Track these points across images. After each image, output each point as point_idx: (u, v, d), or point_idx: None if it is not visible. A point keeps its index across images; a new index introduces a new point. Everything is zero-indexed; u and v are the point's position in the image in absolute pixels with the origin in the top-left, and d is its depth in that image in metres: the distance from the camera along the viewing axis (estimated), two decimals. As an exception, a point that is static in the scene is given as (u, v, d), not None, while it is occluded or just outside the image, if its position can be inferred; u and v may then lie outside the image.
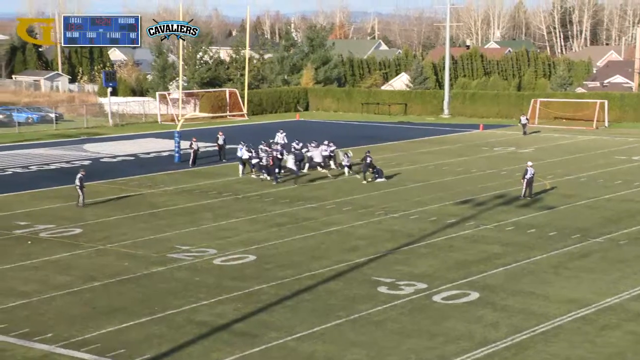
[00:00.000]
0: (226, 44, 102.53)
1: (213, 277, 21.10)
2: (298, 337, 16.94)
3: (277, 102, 69.57)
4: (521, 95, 65.99)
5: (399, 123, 60.76)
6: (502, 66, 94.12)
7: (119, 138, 51.59)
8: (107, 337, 16.93)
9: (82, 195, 29.65)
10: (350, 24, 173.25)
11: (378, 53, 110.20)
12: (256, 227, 26.65)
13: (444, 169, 38.35)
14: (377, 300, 19.20)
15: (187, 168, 38.88)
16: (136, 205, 30.09)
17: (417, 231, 26.05)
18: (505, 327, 17.49)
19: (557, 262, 22.50)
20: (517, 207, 29.71)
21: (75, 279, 20.98)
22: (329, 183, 34.92)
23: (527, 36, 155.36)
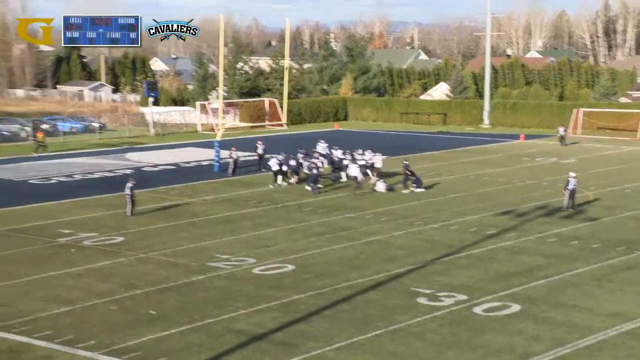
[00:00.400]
0: (265, 54, 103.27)
1: (252, 286, 21.18)
2: (337, 347, 16.90)
3: (315, 112, 69.74)
4: (563, 105, 65.08)
5: (438, 133, 60.40)
6: (543, 76, 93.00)
7: (160, 147, 52.21)
8: (147, 345, 17.10)
9: (130, 204, 29.99)
10: (390, 33, 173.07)
11: (417, 63, 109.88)
12: (295, 237, 26.71)
13: (484, 179, 37.99)
14: (416, 311, 19.06)
15: (227, 177, 39.16)
16: (177, 214, 30.40)
17: (457, 242, 25.83)
18: (547, 340, 17.21)
19: (601, 274, 22.09)
20: (560, 218, 29.27)
21: (117, 286, 21.25)
22: (366, 193, 34.82)
23: (569, 45, 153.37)
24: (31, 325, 18.19)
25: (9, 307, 19.50)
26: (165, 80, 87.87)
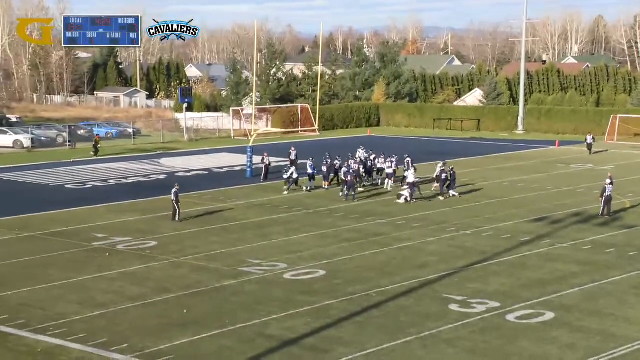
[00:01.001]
0: (299, 60, 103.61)
1: (283, 292, 21.22)
2: (367, 353, 16.84)
3: (348, 118, 69.77)
4: (599, 112, 64.26)
5: (472, 139, 59.99)
6: (579, 81, 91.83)
7: (194, 153, 52.65)
8: (180, 349, 17.21)
9: (178, 210, 30.08)
10: (423, 39, 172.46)
11: (451, 68, 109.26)
12: (326, 242, 26.70)
13: (518, 186, 37.61)
14: (448, 318, 18.92)
15: (259, 183, 39.33)
16: (209, 219, 30.60)
17: (490, 248, 25.59)
18: (583, 349, 16.95)
19: (638, 282, 21.72)
20: (595, 225, 28.85)
21: (150, 290, 21.45)
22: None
23: (606, 51, 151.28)
24: (66, 328, 18.43)
25: (45, 310, 19.79)
26: (199, 86, 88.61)
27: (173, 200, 30.10)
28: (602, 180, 38.85)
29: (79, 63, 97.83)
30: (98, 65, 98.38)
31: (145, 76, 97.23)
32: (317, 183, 36.84)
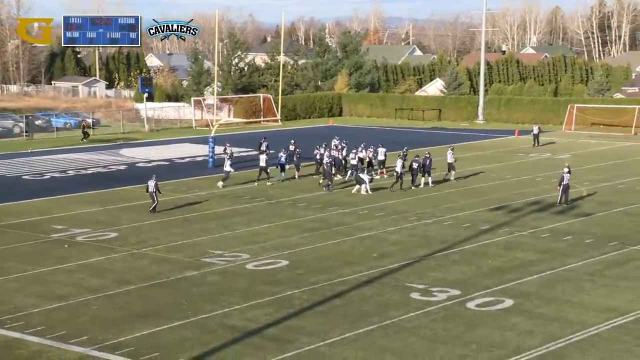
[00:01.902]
0: (261, 50, 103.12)
1: (245, 282, 21.18)
2: (330, 342, 16.91)
3: (310, 108, 69.73)
4: (557, 101, 65.22)
5: (433, 129, 60.44)
6: (538, 71, 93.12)
7: (154, 143, 52.13)
8: (140, 340, 17.08)
9: (153, 200, 29.54)
10: (385, 29, 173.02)
11: (412, 58, 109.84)
12: (289, 232, 26.70)
13: (478, 175, 38.02)
14: (409, 306, 19.08)
15: (221, 173, 39.10)
16: (170, 210, 30.35)
17: (451, 237, 25.85)
18: (540, 335, 17.24)
19: (594, 270, 22.14)
20: (553, 213, 29.33)
21: (110, 282, 21.22)
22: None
23: (564, 41, 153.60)
24: (24, 321, 18.15)
25: (2, 302, 19.46)
26: (159, 76, 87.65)
27: (154, 192, 29.49)
28: (560, 169, 39.49)
29: (35, 52, 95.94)
30: (55, 54, 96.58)
31: (104, 65, 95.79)
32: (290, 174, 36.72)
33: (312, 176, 37.25)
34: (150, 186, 29.64)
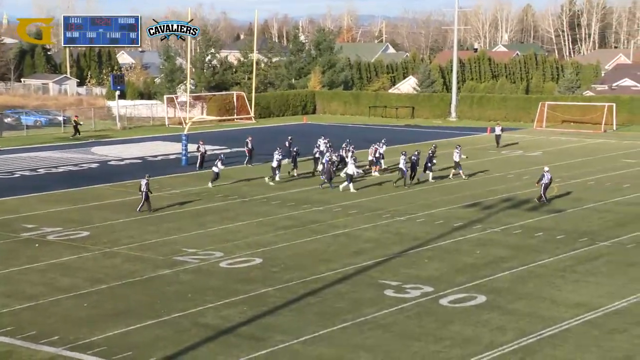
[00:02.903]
0: (234, 48, 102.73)
1: (219, 280, 21.10)
2: (304, 340, 16.91)
3: (284, 106, 69.67)
4: (529, 99, 65.85)
5: (406, 126, 60.70)
6: (510, 69, 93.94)
7: (127, 141, 51.72)
8: (113, 340, 16.94)
9: (146, 200, 29.01)
10: (358, 27, 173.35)
11: (385, 56, 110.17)
12: (263, 230, 26.65)
13: (451, 172, 38.22)
14: (383, 303, 19.15)
15: (195, 171, 38.93)
16: (143, 208, 30.09)
17: (424, 234, 25.99)
18: (512, 330, 17.40)
19: (565, 265, 22.40)
20: (525, 210, 29.61)
21: (82, 281, 21.02)
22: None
23: (535, 39, 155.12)
24: (-6, 322, 17.92)
25: (-29, 303, 19.19)
26: (131, 73, 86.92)
27: (144, 191, 29.01)
28: (531, 167, 39.93)
29: (4, 49, 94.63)
30: (25, 51, 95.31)
31: (75, 63, 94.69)
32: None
33: (313, 174, 36.84)
34: (142, 185, 29.22)
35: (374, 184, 35.24)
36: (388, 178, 35.97)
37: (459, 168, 36.50)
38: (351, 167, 33.43)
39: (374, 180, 36.14)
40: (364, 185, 34.52)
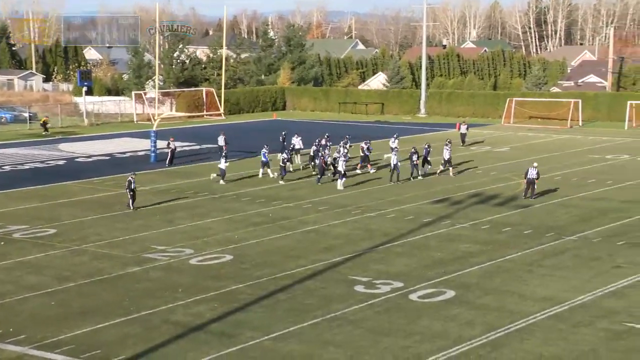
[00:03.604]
0: (203, 44, 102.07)
1: (189, 277, 21.02)
2: (274, 336, 16.93)
3: (254, 102, 69.48)
4: (497, 95, 66.49)
5: (376, 122, 60.93)
6: (478, 66, 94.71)
7: (95, 138, 51.22)
8: (81, 338, 16.79)
9: (131, 199, 28.63)
10: (328, 23, 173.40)
11: (355, 52, 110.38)
12: (233, 227, 26.59)
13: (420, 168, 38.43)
14: (353, 299, 19.23)
15: (164, 168, 38.68)
16: (111, 205, 29.87)
17: (394, 230, 26.14)
18: (481, 325, 17.60)
19: (532, 260, 22.69)
20: (493, 205, 29.93)
21: (49, 279, 20.79)
22: (304, 182, 34.92)
23: (502, 36, 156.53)
24: (-41, 321, 17.65)
25: None
26: (99, 69, 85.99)
27: (132, 189, 28.54)
28: (499, 162, 40.37)
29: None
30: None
31: (40, 58, 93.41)
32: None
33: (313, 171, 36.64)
34: (131, 183, 28.73)
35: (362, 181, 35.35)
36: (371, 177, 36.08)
37: (448, 165, 36.23)
38: (341, 164, 33.43)
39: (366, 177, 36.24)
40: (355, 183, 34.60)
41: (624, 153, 43.73)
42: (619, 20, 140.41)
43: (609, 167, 39.08)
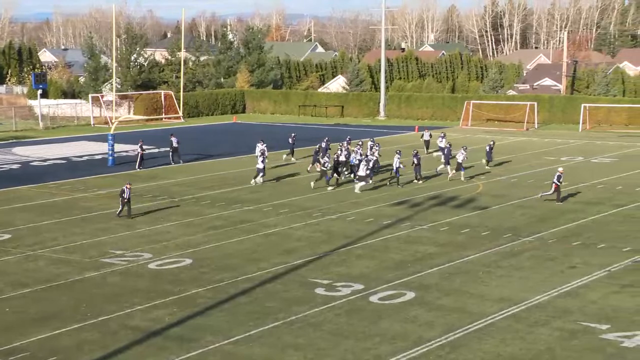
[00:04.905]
0: (161, 46, 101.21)
1: (148, 282, 20.80)
2: (235, 340, 16.85)
3: (213, 105, 69.11)
4: (455, 98, 67.21)
5: (336, 125, 61.09)
6: (436, 69, 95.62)
7: (50, 141, 50.38)
8: (37, 345, 16.49)
9: (126, 207, 27.72)
10: (287, 26, 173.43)
11: (314, 55, 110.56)
12: (192, 231, 26.40)
13: (380, 171, 38.68)
14: (314, 302, 19.24)
15: (121, 171, 38.24)
16: (68, 210, 29.42)
17: (354, 232, 26.23)
18: (440, 326, 17.75)
19: (490, 261, 22.97)
20: (451, 207, 30.24)
21: (3, 285, 20.38)
22: (264, 186, 34.85)
23: (460, 39, 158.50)
24: None
25: None
26: (54, 72, 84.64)
27: (126, 198, 27.61)
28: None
29: None
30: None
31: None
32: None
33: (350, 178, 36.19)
34: (125, 191, 27.73)
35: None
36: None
37: (461, 169, 35.91)
38: (362, 169, 33.15)
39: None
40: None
41: (578, 155, 44.59)
42: (572, 24, 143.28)
43: (564, 169, 39.74)
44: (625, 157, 43.65)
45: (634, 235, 25.71)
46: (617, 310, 18.60)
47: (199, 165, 40.51)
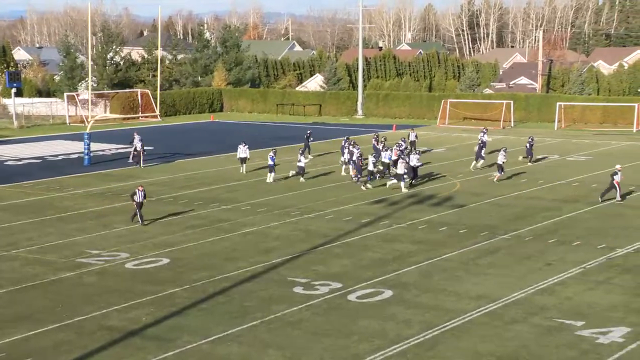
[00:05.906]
0: (137, 44, 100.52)
1: (125, 282, 20.65)
2: (212, 340, 16.78)
3: (191, 104, 68.81)
4: (432, 96, 67.53)
5: (314, 124, 61.09)
6: (413, 67, 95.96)
7: (25, 140, 49.85)
8: (12, 346, 16.31)
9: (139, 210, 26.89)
10: (264, 24, 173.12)
11: (292, 54, 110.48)
12: (170, 230, 26.25)
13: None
14: (292, 300, 19.23)
15: (97, 171, 37.95)
16: (43, 209, 29.13)
17: (333, 231, 26.25)
18: (418, 324, 17.82)
19: (467, 259, 23.10)
20: (429, 205, 30.37)
21: (-22, 287, 20.13)
22: (242, 184, 34.78)
23: (437, 38, 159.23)
24: None
25: None
26: (29, 70, 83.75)
27: (140, 201, 26.74)
28: (434, 162, 40.98)
29: None
30: None
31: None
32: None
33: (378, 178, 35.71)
34: (138, 194, 26.87)
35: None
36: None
37: (500, 171, 35.50)
38: (401, 167, 32.94)
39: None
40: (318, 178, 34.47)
41: (554, 153, 44.98)
42: (548, 23, 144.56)
43: (540, 167, 40.12)
44: (600, 155, 44.13)
45: (608, 233, 26.00)
46: (592, 306, 18.79)
47: (176, 165, 40.31)
